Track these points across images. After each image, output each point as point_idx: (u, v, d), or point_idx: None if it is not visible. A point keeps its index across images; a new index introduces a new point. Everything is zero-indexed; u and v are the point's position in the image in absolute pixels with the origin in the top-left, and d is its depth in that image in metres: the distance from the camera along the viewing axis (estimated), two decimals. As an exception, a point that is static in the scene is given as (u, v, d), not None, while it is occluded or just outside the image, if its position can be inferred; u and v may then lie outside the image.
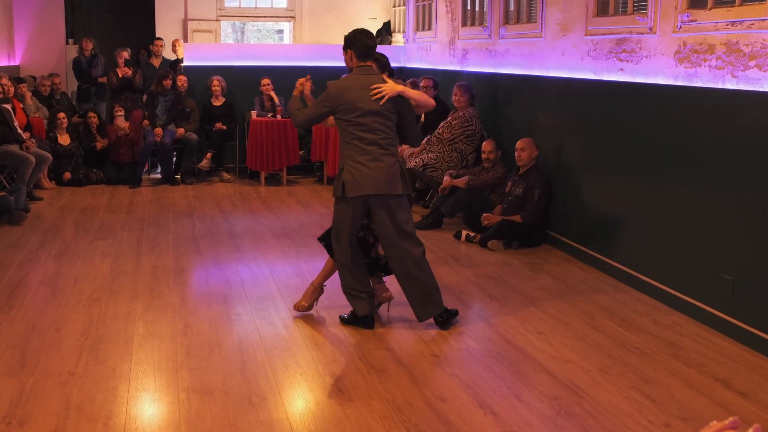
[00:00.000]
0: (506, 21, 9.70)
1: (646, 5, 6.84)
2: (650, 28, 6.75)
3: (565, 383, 4.98)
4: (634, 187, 7.01)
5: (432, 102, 6.18)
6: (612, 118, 7.37)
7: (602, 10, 7.60)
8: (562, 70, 8.29)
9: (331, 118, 6.03)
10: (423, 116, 10.47)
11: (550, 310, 6.39)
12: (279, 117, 12.09)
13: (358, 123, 5.78)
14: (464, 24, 11.12)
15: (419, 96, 6.01)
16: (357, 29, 6.11)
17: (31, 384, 4.87)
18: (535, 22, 8.86)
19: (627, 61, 7.12)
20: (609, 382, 5.01)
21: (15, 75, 13.06)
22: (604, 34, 7.52)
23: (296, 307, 6.24)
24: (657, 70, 6.68)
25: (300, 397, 4.82)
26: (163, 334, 5.77)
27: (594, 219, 7.66)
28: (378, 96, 5.77)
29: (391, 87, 5.80)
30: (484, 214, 8.46)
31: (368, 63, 6.00)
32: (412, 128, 6.02)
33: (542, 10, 8.65)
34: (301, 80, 6.29)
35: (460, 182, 8.98)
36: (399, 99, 5.84)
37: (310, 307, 6.26)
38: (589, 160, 7.78)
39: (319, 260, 7.78)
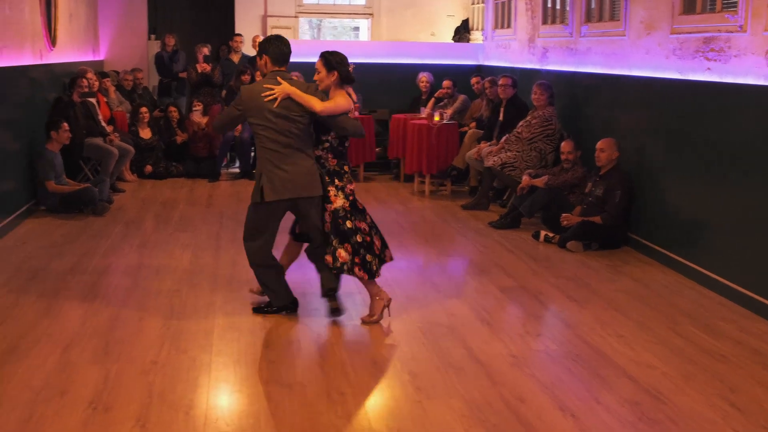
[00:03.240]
0: (588, 19, 9.58)
1: (735, 3, 6.69)
2: (740, 27, 6.60)
3: (646, 388, 4.90)
4: (720, 189, 6.87)
5: (318, 107, 5.91)
6: (697, 118, 7.23)
7: (689, 7, 7.46)
8: (645, 70, 8.16)
9: None
10: (501, 114, 10.42)
11: (630, 313, 6.29)
12: (357, 114, 12.07)
13: (270, 127, 5.82)
14: (544, 22, 11.02)
15: (308, 100, 5.87)
16: (272, 36, 6.17)
17: (115, 371, 4.97)
18: (618, 20, 8.74)
19: (715, 60, 6.98)
20: (692, 388, 4.92)
21: (99, 70, 13.32)
22: (690, 33, 7.38)
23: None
24: (747, 69, 6.54)
25: (378, 394, 4.83)
26: (243, 327, 5.83)
27: (676, 221, 7.52)
28: (270, 98, 5.79)
29: (281, 89, 5.82)
30: (564, 215, 8.37)
31: (282, 68, 6.00)
32: (337, 123, 6.00)
33: (626, 8, 8.52)
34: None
35: (539, 182, 8.90)
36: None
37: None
38: (673, 162, 7.64)
39: (397, 258, 7.79)
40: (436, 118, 10.99)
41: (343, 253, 5.93)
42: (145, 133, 12.22)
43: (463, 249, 8.34)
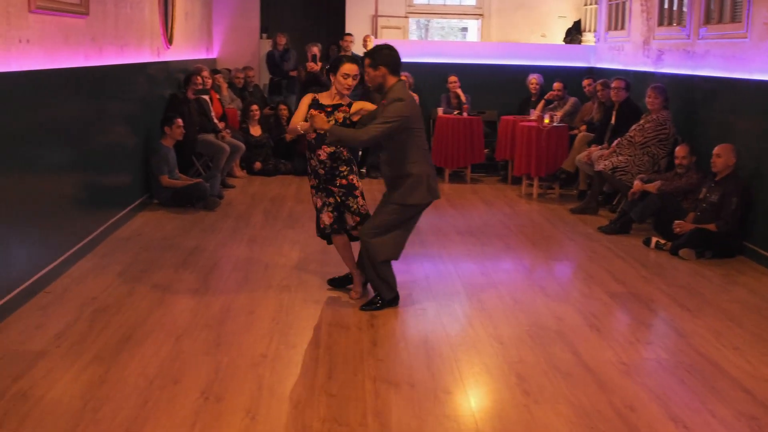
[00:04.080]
0: (707, 20, 9.33)
1: None
2: None
3: (765, 403, 4.75)
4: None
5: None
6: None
7: (815, 11, 7.22)
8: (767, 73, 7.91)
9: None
10: (613, 118, 10.25)
11: (746, 324, 6.11)
12: (465, 114, 12.09)
13: (423, 129, 6.21)
14: (660, 23, 10.79)
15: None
16: (382, 45, 6.28)
17: (226, 363, 5.06)
18: (740, 21, 8.49)
19: (841, 65, 6.73)
20: (812, 403, 4.75)
21: (212, 67, 13.60)
22: (816, 37, 7.13)
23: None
24: None
25: (485, 396, 4.80)
26: (350, 324, 5.87)
27: (796, 231, 7.28)
28: None
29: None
30: (676, 221, 8.19)
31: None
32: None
33: (748, 9, 8.27)
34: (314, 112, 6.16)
35: (652, 187, 8.72)
36: None
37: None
38: (793, 169, 7.40)
39: (504, 260, 7.76)
40: (546, 120, 10.88)
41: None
42: (256, 131, 12.42)
43: (572, 253, 8.23)
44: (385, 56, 6.10)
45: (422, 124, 6.23)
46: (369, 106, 6.40)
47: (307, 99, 6.32)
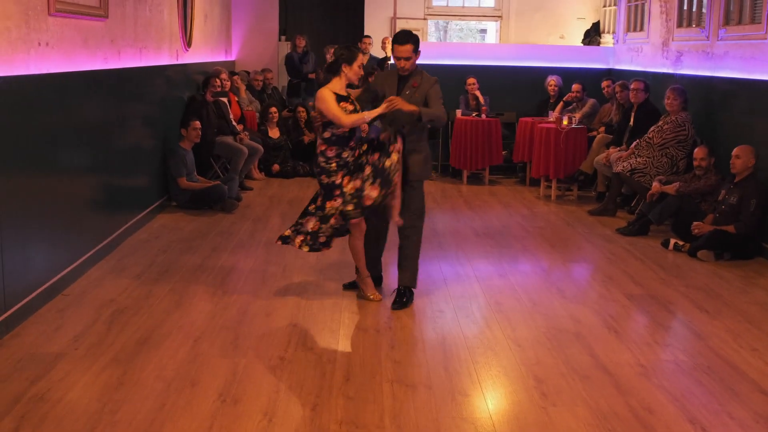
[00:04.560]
0: (726, 22, 9.28)
1: None
2: None
3: (782, 404, 4.73)
4: None
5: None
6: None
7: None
8: (786, 75, 7.87)
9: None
10: (632, 119, 10.22)
11: (765, 326, 6.07)
12: (484, 116, 12.08)
13: None
14: (679, 25, 10.74)
15: None
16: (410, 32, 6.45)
17: (244, 365, 5.07)
18: (760, 22, 8.44)
19: None
20: (832, 406, 4.72)
21: (230, 70, 13.64)
22: (836, 37, 7.08)
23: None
24: None
25: (503, 398, 4.79)
26: (368, 326, 5.88)
27: (816, 233, 7.23)
28: None
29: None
30: (695, 223, 8.15)
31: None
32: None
33: None
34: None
35: (670, 188, 8.69)
36: None
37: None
38: (813, 171, 7.35)
39: (522, 262, 7.75)
40: (565, 122, 10.85)
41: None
42: (274, 133, 12.45)
43: (590, 255, 8.20)
44: (418, 41, 6.39)
45: None
46: (356, 92, 6.59)
47: (329, 95, 6.21)
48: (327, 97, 6.08)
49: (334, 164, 6.16)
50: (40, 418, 4.30)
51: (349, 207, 6.17)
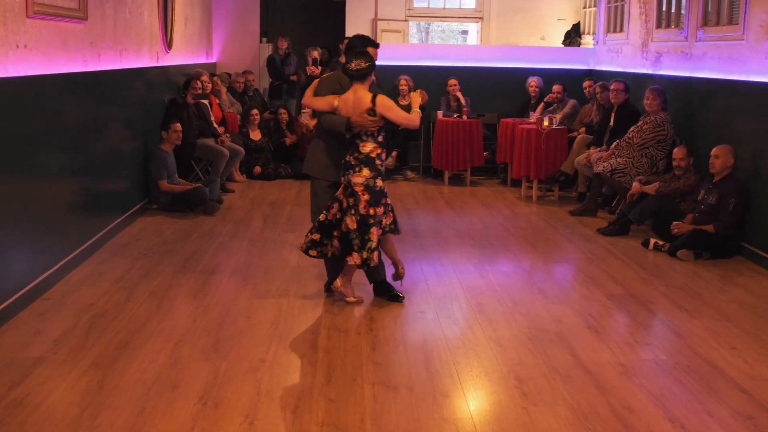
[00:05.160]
0: (705, 23, 9.34)
1: None
2: None
3: (761, 402, 4.75)
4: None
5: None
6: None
7: (812, 12, 7.21)
8: (765, 75, 7.92)
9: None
10: (612, 120, 10.26)
11: (744, 325, 6.11)
12: (465, 117, 12.10)
13: None
14: (658, 26, 10.79)
15: None
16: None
17: (225, 368, 5.06)
18: (737, 23, 8.49)
19: (838, 66, 6.73)
20: (810, 404, 4.75)
21: (211, 72, 13.61)
22: (813, 38, 7.13)
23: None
24: None
25: (484, 398, 4.80)
26: (349, 328, 5.87)
27: (794, 232, 7.28)
28: None
29: None
30: (675, 223, 8.19)
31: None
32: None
33: (745, 12, 8.28)
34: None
35: (650, 188, 8.73)
36: None
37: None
38: (791, 170, 7.40)
39: (503, 263, 7.77)
40: (545, 122, 10.89)
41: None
42: (255, 135, 12.44)
43: (571, 255, 8.23)
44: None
45: None
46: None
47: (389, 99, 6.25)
48: (391, 102, 6.21)
49: (383, 168, 6.38)
50: (19, 424, 4.28)
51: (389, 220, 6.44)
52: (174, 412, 4.45)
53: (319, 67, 13.41)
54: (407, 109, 6.39)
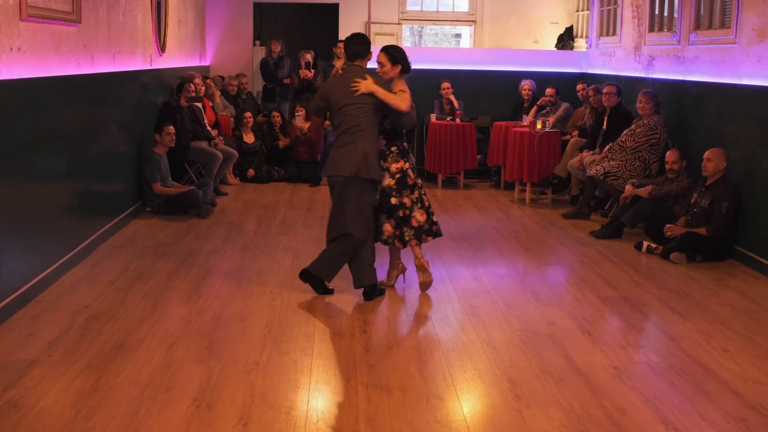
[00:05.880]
0: (697, 26, 9.37)
1: None
2: None
3: (753, 405, 4.77)
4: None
5: (403, 107, 6.62)
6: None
7: (804, 16, 7.25)
8: (757, 78, 7.95)
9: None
10: (605, 123, 10.29)
11: (737, 327, 6.13)
12: (458, 120, 12.12)
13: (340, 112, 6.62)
14: (651, 29, 10.84)
15: (387, 97, 6.56)
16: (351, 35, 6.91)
17: (218, 370, 5.07)
18: (729, 27, 8.53)
19: (830, 70, 6.76)
20: (802, 406, 4.77)
21: (205, 75, 13.61)
22: (804, 42, 7.16)
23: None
24: None
25: (477, 401, 4.81)
26: (343, 330, 5.89)
27: (786, 235, 7.31)
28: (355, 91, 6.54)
29: (365, 85, 6.53)
30: (668, 225, 8.21)
31: (355, 63, 6.74)
32: (393, 115, 6.65)
33: (737, 15, 8.32)
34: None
35: (643, 192, 8.75)
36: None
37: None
38: (783, 173, 7.43)
39: (497, 265, 7.79)
40: (539, 125, 10.91)
41: (388, 228, 6.66)
42: (249, 138, 12.44)
43: (564, 258, 8.26)
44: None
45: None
46: None
47: None
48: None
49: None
50: (13, 426, 4.28)
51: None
52: (168, 414, 4.45)
53: (312, 71, 13.40)
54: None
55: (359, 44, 6.74)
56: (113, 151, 8.78)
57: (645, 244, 8.36)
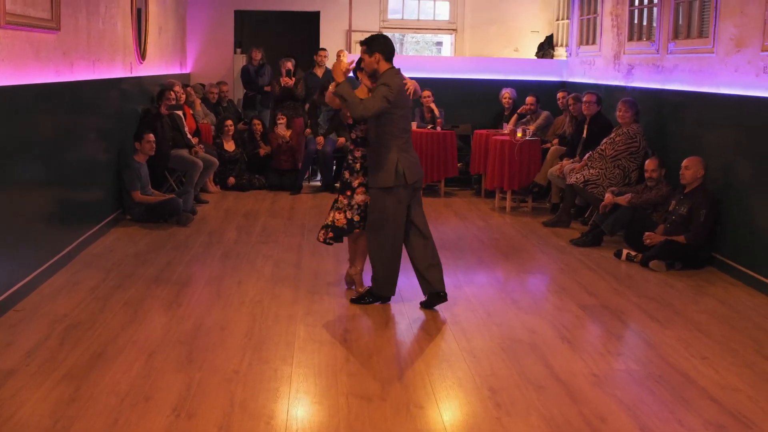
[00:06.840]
0: (675, 36, 9.45)
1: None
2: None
3: (731, 412, 4.80)
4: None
5: (351, 113, 6.56)
6: (788, 138, 7.07)
7: (780, 25, 7.31)
8: (734, 88, 8.01)
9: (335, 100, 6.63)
10: (585, 131, 10.34)
11: (715, 335, 6.17)
12: (439, 128, 12.14)
13: (398, 120, 6.53)
14: (630, 38, 10.91)
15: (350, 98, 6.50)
16: (378, 34, 6.83)
17: (198, 380, 5.05)
18: (707, 36, 8.60)
19: (806, 79, 6.83)
20: (779, 413, 4.80)
21: (185, 82, 13.58)
22: (781, 51, 7.22)
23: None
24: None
25: (458, 409, 4.82)
26: (323, 339, 5.88)
27: (763, 242, 7.36)
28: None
29: (413, 84, 6.62)
30: (647, 233, 8.26)
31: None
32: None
33: (715, 25, 8.39)
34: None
35: (623, 200, 8.79)
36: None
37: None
38: (760, 181, 7.49)
39: (477, 273, 7.80)
40: (519, 134, 10.95)
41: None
42: (229, 146, 12.42)
43: (544, 266, 8.28)
44: (380, 44, 6.55)
45: (404, 111, 6.65)
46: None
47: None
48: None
49: (358, 164, 6.77)
50: (-9, 435, 4.26)
51: (357, 218, 6.72)
52: (147, 424, 4.43)
53: (293, 78, 13.39)
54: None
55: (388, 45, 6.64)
56: (93, 159, 8.75)
57: (624, 252, 8.40)
